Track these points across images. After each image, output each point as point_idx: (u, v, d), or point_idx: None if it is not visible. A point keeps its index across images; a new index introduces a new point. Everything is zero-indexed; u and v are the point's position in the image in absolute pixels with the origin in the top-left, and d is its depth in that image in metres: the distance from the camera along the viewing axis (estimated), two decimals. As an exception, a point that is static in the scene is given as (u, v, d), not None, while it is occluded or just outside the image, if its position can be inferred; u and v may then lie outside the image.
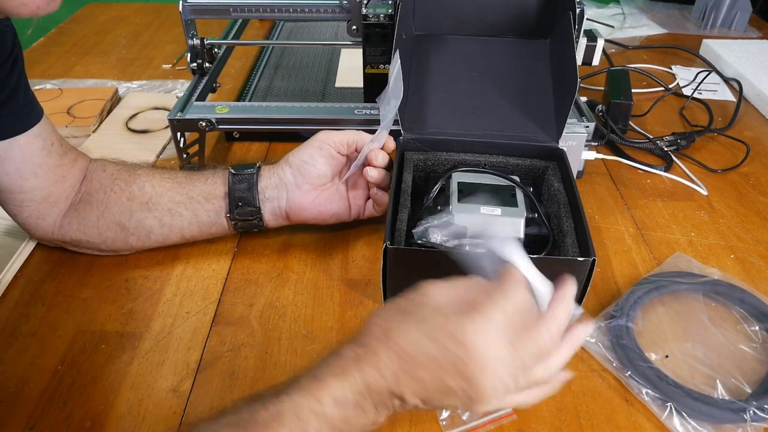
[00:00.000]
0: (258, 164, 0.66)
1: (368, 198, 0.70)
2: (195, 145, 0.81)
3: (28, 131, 0.59)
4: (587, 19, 0.76)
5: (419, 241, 0.59)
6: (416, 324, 0.41)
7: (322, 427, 0.39)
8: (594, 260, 0.55)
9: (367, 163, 0.66)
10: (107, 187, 0.64)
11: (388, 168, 0.67)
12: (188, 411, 0.52)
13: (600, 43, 0.78)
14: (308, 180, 0.65)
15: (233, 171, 0.65)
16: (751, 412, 0.50)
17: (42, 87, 1.05)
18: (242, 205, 0.65)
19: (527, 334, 0.41)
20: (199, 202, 0.65)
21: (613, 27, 1.32)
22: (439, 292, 0.43)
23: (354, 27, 0.83)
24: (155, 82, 1.09)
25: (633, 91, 0.92)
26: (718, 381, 0.54)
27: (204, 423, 0.39)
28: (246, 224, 0.66)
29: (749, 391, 0.54)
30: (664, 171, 0.85)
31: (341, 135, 0.66)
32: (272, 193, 0.65)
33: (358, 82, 0.88)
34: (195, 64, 0.87)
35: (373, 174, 0.66)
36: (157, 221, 0.65)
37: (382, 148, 0.67)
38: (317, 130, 0.67)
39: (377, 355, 0.40)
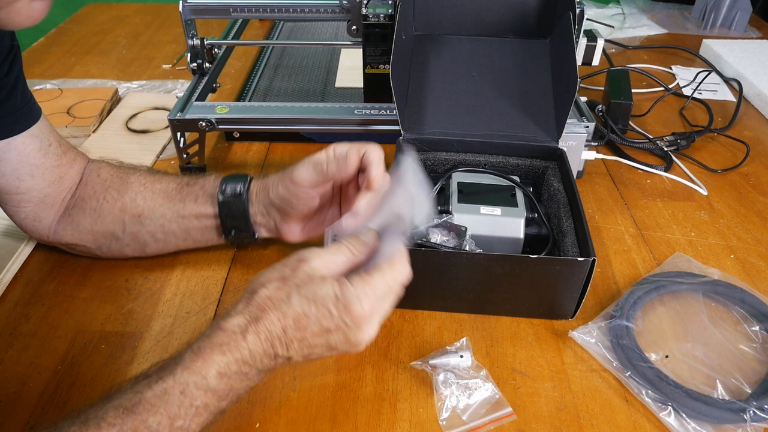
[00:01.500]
0: (248, 180, 0.62)
1: None
2: (195, 145, 0.81)
3: (26, 132, 0.59)
4: (587, 19, 0.76)
5: (419, 241, 0.59)
6: (299, 289, 0.44)
7: (208, 399, 0.42)
8: (594, 260, 0.55)
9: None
10: (99, 194, 0.63)
11: None
12: (188, 411, 0.52)
13: (600, 43, 0.78)
14: (292, 217, 0.61)
15: (221, 198, 0.61)
16: (751, 412, 0.50)
17: (42, 87, 1.05)
18: (236, 233, 0.64)
19: (393, 293, 0.47)
20: (190, 221, 0.63)
21: (613, 27, 1.32)
22: (317, 257, 0.46)
23: (354, 27, 0.83)
24: (155, 82, 1.09)
25: (633, 91, 0.92)
26: (718, 381, 0.54)
27: (90, 408, 0.40)
28: (242, 241, 0.66)
29: (749, 391, 0.54)
30: (664, 171, 0.85)
31: (308, 173, 0.57)
32: (262, 220, 0.63)
33: (358, 82, 0.88)
34: (195, 64, 0.87)
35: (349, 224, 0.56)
36: (151, 236, 0.64)
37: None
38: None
39: (263, 323, 0.44)
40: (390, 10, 0.81)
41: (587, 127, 0.76)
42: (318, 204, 0.60)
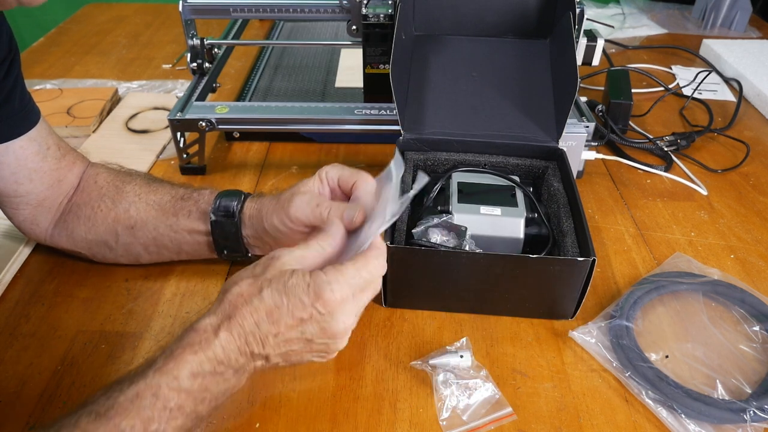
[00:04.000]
0: (242, 199, 0.61)
1: None
2: (195, 145, 0.81)
3: (24, 135, 0.59)
4: (587, 19, 0.76)
5: (419, 241, 0.59)
6: (270, 283, 0.44)
7: (182, 401, 0.41)
8: (594, 260, 0.55)
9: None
10: (94, 202, 0.62)
11: None
12: (188, 411, 0.52)
13: (600, 43, 0.78)
14: (286, 244, 0.57)
15: (213, 218, 0.60)
16: (751, 412, 0.50)
17: (42, 87, 1.05)
18: (228, 252, 0.62)
19: (369, 285, 0.47)
20: (183, 236, 0.62)
21: (613, 27, 1.32)
22: (288, 253, 0.47)
23: (354, 27, 0.83)
24: (155, 82, 1.09)
25: (633, 91, 0.92)
26: (718, 381, 0.54)
27: (66, 416, 0.40)
28: (236, 258, 0.65)
29: (749, 391, 0.54)
30: (664, 171, 0.85)
31: (304, 213, 0.55)
32: (255, 242, 0.62)
33: (358, 82, 0.88)
34: (195, 64, 0.87)
35: None
36: (143, 249, 0.63)
37: None
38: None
39: (236, 319, 0.43)
40: (390, 10, 0.81)
41: (587, 127, 0.76)
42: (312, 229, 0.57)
